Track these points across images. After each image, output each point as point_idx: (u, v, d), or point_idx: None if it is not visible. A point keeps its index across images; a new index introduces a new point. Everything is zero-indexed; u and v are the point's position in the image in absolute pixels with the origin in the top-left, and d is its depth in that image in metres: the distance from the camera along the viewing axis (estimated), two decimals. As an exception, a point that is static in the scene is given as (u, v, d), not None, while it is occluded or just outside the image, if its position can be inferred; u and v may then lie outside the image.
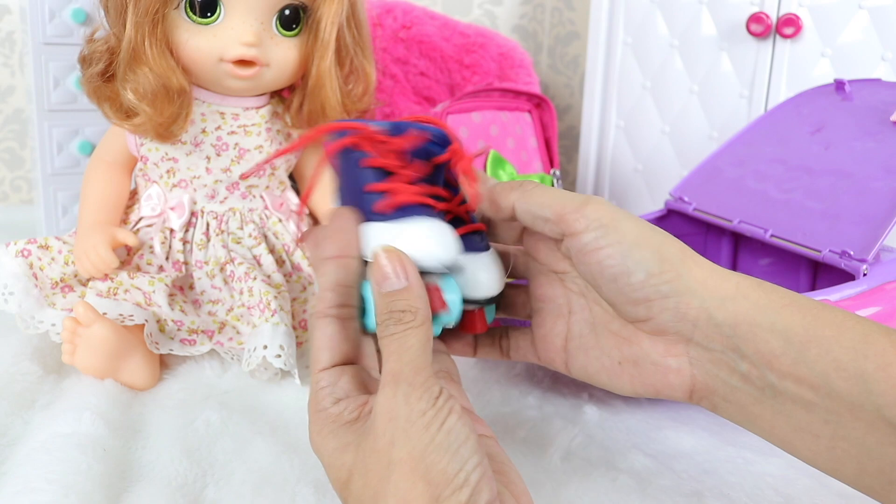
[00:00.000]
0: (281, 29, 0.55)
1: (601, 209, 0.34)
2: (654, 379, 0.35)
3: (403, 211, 0.35)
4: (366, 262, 0.35)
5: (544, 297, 0.40)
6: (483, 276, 0.37)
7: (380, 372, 0.34)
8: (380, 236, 0.34)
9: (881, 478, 0.29)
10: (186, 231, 0.58)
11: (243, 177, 0.55)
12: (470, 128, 0.68)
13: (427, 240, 0.34)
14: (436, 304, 0.34)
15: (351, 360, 0.35)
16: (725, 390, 0.33)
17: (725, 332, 0.32)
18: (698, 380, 0.34)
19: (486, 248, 0.39)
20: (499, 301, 0.42)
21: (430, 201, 0.36)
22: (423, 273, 0.34)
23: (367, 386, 0.34)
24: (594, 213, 0.34)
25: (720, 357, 0.33)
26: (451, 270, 0.36)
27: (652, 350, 0.34)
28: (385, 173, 0.36)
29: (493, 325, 0.43)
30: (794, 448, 0.32)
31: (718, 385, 0.33)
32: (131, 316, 0.51)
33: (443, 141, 0.37)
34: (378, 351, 0.35)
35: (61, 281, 0.56)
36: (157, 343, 0.52)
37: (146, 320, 0.52)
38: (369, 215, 0.35)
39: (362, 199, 0.35)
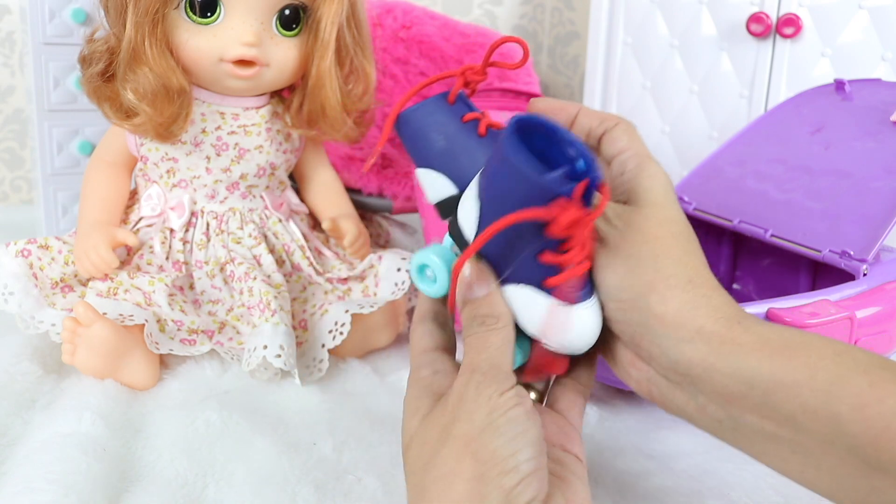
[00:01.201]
0: (281, 29, 0.55)
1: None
2: (621, 375, 0.35)
3: (569, 286, 0.33)
4: (518, 333, 0.34)
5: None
6: (593, 329, 0.34)
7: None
8: (544, 314, 0.33)
9: (856, 501, 0.29)
10: (186, 231, 0.58)
11: (365, 169, 0.55)
12: (470, 128, 0.68)
13: (591, 327, 0.34)
14: (560, 367, 0.36)
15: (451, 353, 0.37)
16: (683, 415, 0.33)
17: (680, 370, 0.31)
18: (656, 397, 0.34)
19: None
20: None
21: (588, 266, 0.34)
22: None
23: None
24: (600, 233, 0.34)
25: (676, 387, 0.32)
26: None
27: (621, 353, 0.35)
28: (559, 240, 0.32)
29: None
30: (765, 461, 0.31)
31: (674, 409, 0.33)
32: (131, 316, 0.51)
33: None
34: None
35: (61, 281, 0.56)
36: (157, 343, 0.52)
37: (146, 320, 0.52)
38: (531, 281, 0.33)
39: (530, 264, 0.33)
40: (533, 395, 0.38)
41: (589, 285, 0.34)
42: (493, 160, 0.33)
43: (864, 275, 0.52)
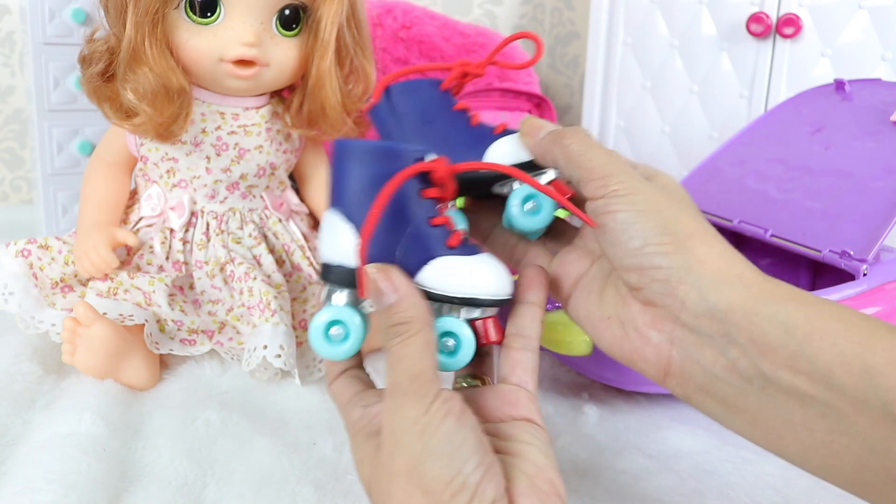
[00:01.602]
0: (281, 29, 0.55)
1: (625, 183, 0.34)
2: (632, 346, 0.34)
3: (464, 245, 0.35)
4: (430, 299, 0.35)
5: (584, 234, 0.40)
6: (503, 273, 0.36)
7: None
8: (455, 271, 0.35)
9: (883, 475, 0.28)
10: (186, 231, 0.58)
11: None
12: (470, 128, 0.68)
13: (496, 274, 0.35)
14: (496, 334, 0.36)
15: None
16: (704, 380, 0.32)
17: (717, 317, 0.31)
18: (675, 362, 0.33)
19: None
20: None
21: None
22: (495, 306, 0.36)
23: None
24: (616, 185, 0.34)
25: (707, 341, 0.31)
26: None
27: (639, 317, 0.34)
28: (435, 203, 0.36)
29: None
30: (782, 443, 0.31)
31: (696, 373, 0.32)
32: (131, 316, 0.51)
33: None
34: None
35: (61, 281, 0.56)
36: (157, 343, 0.52)
37: (146, 320, 0.52)
38: (436, 250, 0.35)
39: (430, 232, 0.35)
40: (477, 383, 0.37)
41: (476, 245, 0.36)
42: (343, 177, 0.35)
43: (864, 275, 0.52)
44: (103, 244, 0.54)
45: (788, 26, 0.73)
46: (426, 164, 0.34)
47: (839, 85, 0.66)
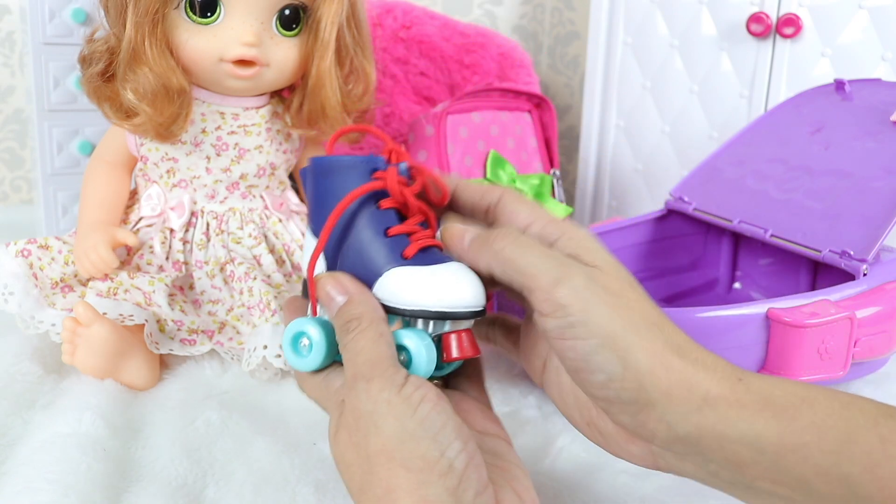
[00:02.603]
0: (281, 29, 0.55)
1: (573, 295, 0.30)
2: (618, 452, 0.34)
3: (425, 254, 0.35)
4: (387, 310, 0.34)
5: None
6: (465, 284, 0.34)
7: None
8: (415, 281, 0.34)
9: None
10: (186, 231, 0.58)
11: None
12: (470, 128, 0.68)
13: (458, 284, 0.34)
14: (471, 350, 0.35)
15: None
16: (694, 476, 0.32)
17: (689, 443, 0.30)
18: (662, 466, 0.32)
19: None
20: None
21: (440, 242, 0.36)
22: (450, 319, 0.34)
23: None
24: (565, 299, 0.31)
25: (685, 458, 0.31)
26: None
27: (616, 433, 0.33)
28: (400, 215, 0.36)
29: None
30: None
31: (687, 472, 0.32)
32: (131, 316, 0.51)
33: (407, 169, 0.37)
34: None
35: (61, 281, 0.56)
36: (157, 343, 0.52)
37: (146, 320, 0.52)
38: (394, 260, 0.34)
39: (383, 243, 0.35)
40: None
41: (444, 254, 0.36)
42: (312, 188, 0.36)
43: (864, 275, 0.52)
44: (103, 244, 0.54)
45: (788, 26, 0.73)
46: (375, 184, 0.34)
47: (839, 85, 0.66)
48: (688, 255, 0.72)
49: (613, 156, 0.91)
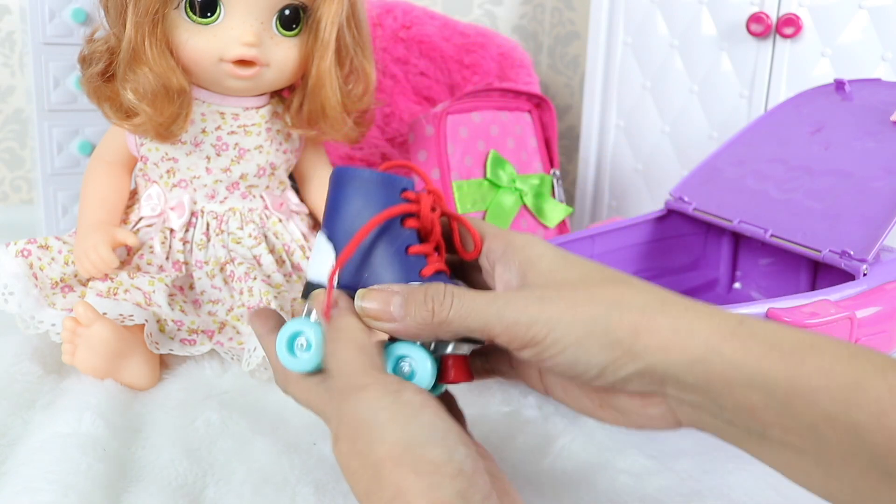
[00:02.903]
0: (281, 29, 0.55)
1: (530, 329, 0.31)
2: (639, 421, 0.34)
3: (436, 276, 0.36)
4: None
5: None
6: None
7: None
8: None
9: None
10: (186, 231, 0.58)
11: None
12: (470, 128, 0.68)
13: None
14: (466, 375, 0.36)
15: None
16: (713, 428, 0.32)
17: (699, 390, 0.30)
18: (683, 420, 0.32)
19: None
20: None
21: (447, 269, 0.38)
22: (450, 343, 0.36)
23: None
24: (525, 336, 0.31)
25: (700, 405, 0.31)
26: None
27: (630, 403, 0.33)
28: (419, 237, 0.37)
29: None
30: (789, 476, 0.31)
31: (706, 424, 0.32)
32: (131, 316, 0.51)
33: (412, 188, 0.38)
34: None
35: (61, 281, 0.56)
36: (157, 343, 0.52)
37: (146, 320, 0.52)
38: (407, 275, 0.36)
39: (404, 261, 0.36)
40: None
41: (452, 281, 0.37)
42: (337, 195, 0.37)
43: (864, 275, 0.52)
44: (103, 244, 0.54)
45: (788, 26, 0.73)
46: (409, 207, 0.36)
47: (839, 85, 0.66)
48: (688, 255, 0.72)
49: (613, 156, 0.91)
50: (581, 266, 0.34)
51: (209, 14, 0.53)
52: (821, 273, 0.65)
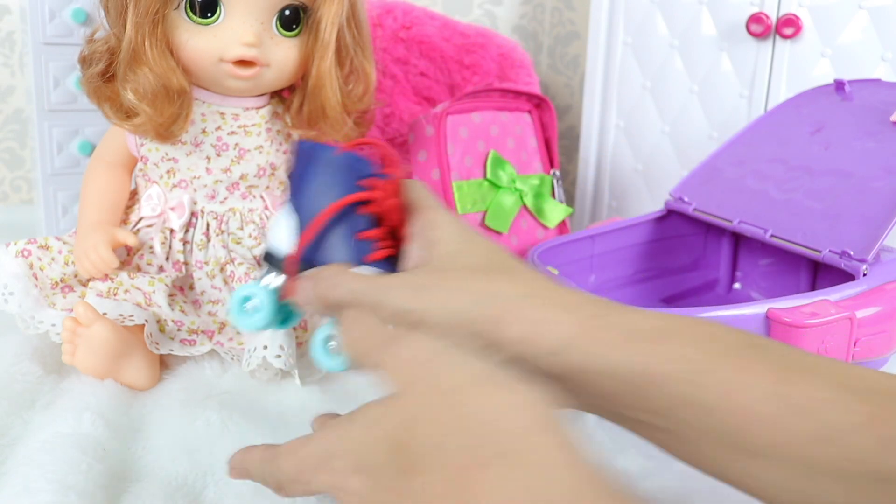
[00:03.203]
0: (281, 29, 0.55)
1: (407, 299, 0.33)
2: None
3: (386, 262, 0.38)
4: None
5: None
6: None
7: None
8: None
9: (737, 484, 0.29)
10: (186, 231, 0.58)
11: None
12: (470, 128, 0.68)
13: None
14: None
15: None
16: (590, 411, 0.33)
17: (563, 379, 0.31)
18: (564, 403, 0.33)
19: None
20: None
21: (396, 252, 0.39)
22: None
23: None
24: (399, 317, 0.33)
25: (571, 392, 0.32)
26: None
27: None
28: (373, 221, 0.39)
29: None
30: (663, 449, 0.32)
31: (584, 408, 0.33)
32: (131, 316, 0.51)
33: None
34: None
35: (61, 281, 0.56)
36: (157, 343, 0.52)
37: (146, 320, 0.52)
38: (355, 259, 0.38)
39: (351, 244, 0.38)
40: None
41: (393, 259, 0.38)
42: (302, 171, 0.39)
43: (864, 275, 0.52)
44: (103, 244, 0.54)
45: (788, 26, 0.73)
46: (363, 195, 0.37)
47: (839, 85, 0.66)
48: (688, 255, 0.72)
49: (613, 156, 0.91)
50: (476, 253, 0.35)
51: (209, 14, 0.53)
52: (821, 273, 0.65)
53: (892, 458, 0.25)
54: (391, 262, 0.38)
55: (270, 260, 0.40)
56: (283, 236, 0.39)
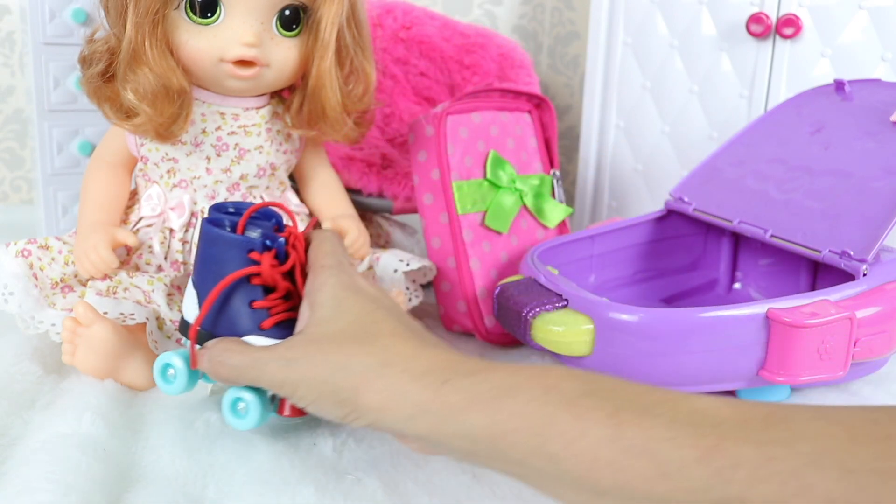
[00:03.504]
0: (281, 29, 0.55)
1: (279, 373, 0.38)
2: (403, 443, 0.39)
3: (280, 327, 0.42)
4: None
5: None
6: None
7: None
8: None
9: None
10: (186, 231, 0.58)
11: None
12: (470, 128, 0.68)
13: None
14: (290, 410, 0.44)
15: None
16: (458, 460, 0.37)
17: (424, 440, 0.35)
18: (432, 453, 0.38)
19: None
20: None
21: (295, 314, 0.43)
22: None
23: None
24: (276, 389, 0.39)
25: (434, 448, 0.35)
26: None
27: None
28: (267, 290, 0.43)
29: None
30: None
31: (451, 458, 0.37)
32: (132, 314, 0.51)
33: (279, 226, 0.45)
34: None
35: (61, 281, 0.56)
36: (156, 342, 0.52)
37: (147, 318, 0.52)
38: (251, 328, 0.42)
39: (247, 314, 0.42)
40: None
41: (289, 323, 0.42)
42: (200, 247, 0.43)
43: (864, 275, 0.52)
44: (103, 244, 0.54)
45: (788, 26, 0.73)
46: (250, 269, 0.41)
47: (839, 85, 0.66)
48: (688, 255, 0.72)
49: (613, 156, 0.91)
50: (344, 319, 0.39)
51: (209, 14, 0.53)
52: (821, 273, 0.65)
53: (728, 486, 0.27)
54: (289, 325, 0.42)
55: (182, 330, 0.45)
56: (190, 308, 0.44)
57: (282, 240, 0.43)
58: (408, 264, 0.62)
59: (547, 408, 0.31)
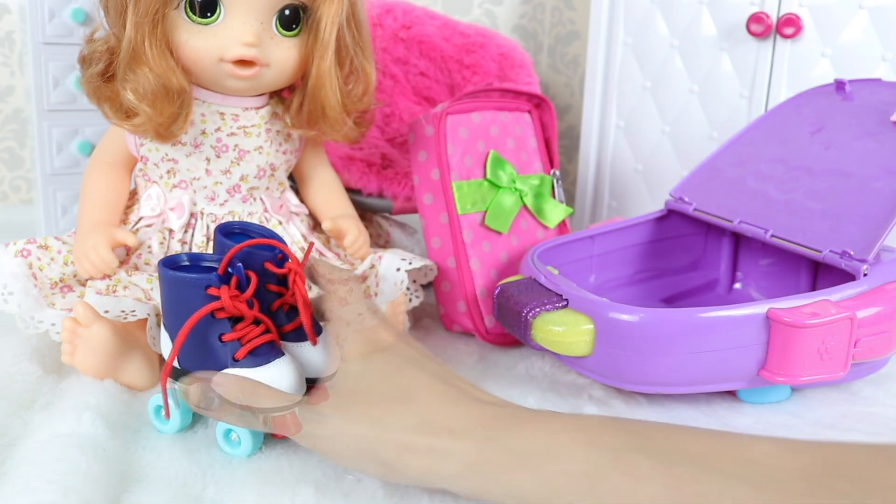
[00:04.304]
0: (281, 29, 0.55)
1: (308, 440, 0.40)
2: None
3: (254, 355, 0.43)
4: None
5: None
6: (285, 381, 0.43)
7: None
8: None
9: None
10: (185, 232, 0.58)
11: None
12: (470, 128, 0.68)
13: (283, 380, 0.42)
14: (293, 430, 0.42)
15: None
16: None
17: (470, 496, 0.35)
18: None
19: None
20: None
21: (273, 335, 0.44)
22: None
23: None
24: (308, 443, 0.40)
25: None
26: None
27: None
28: (234, 321, 0.43)
29: None
30: None
31: None
32: (133, 311, 0.51)
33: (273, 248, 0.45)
34: None
35: (61, 281, 0.56)
36: (154, 338, 0.52)
37: (147, 314, 0.51)
38: (224, 361, 0.43)
39: (218, 347, 0.43)
40: None
41: (274, 349, 0.44)
42: (162, 290, 0.44)
43: (865, 275, 0.52)
44: (103, 244, 0.54)
45: (788, 26, 0.73)
46: (212, 305, 0.42)
47: (839, 85, 0.66)
48: (688, 255, 0.72)
49: (613, 156, 0.91)
50: (372, 378, 0.39)
51: (209, 14, 0.53)
52: (821, 273, 0.65)
53: None
54: (265, 350, 0.43)
55: (174, 374, 0.46)
56: (167, 350, 0.46)
57: (239, 265, 0.43)
58: (410, 263, 0.62)
59: (592, 467, 0.31)
